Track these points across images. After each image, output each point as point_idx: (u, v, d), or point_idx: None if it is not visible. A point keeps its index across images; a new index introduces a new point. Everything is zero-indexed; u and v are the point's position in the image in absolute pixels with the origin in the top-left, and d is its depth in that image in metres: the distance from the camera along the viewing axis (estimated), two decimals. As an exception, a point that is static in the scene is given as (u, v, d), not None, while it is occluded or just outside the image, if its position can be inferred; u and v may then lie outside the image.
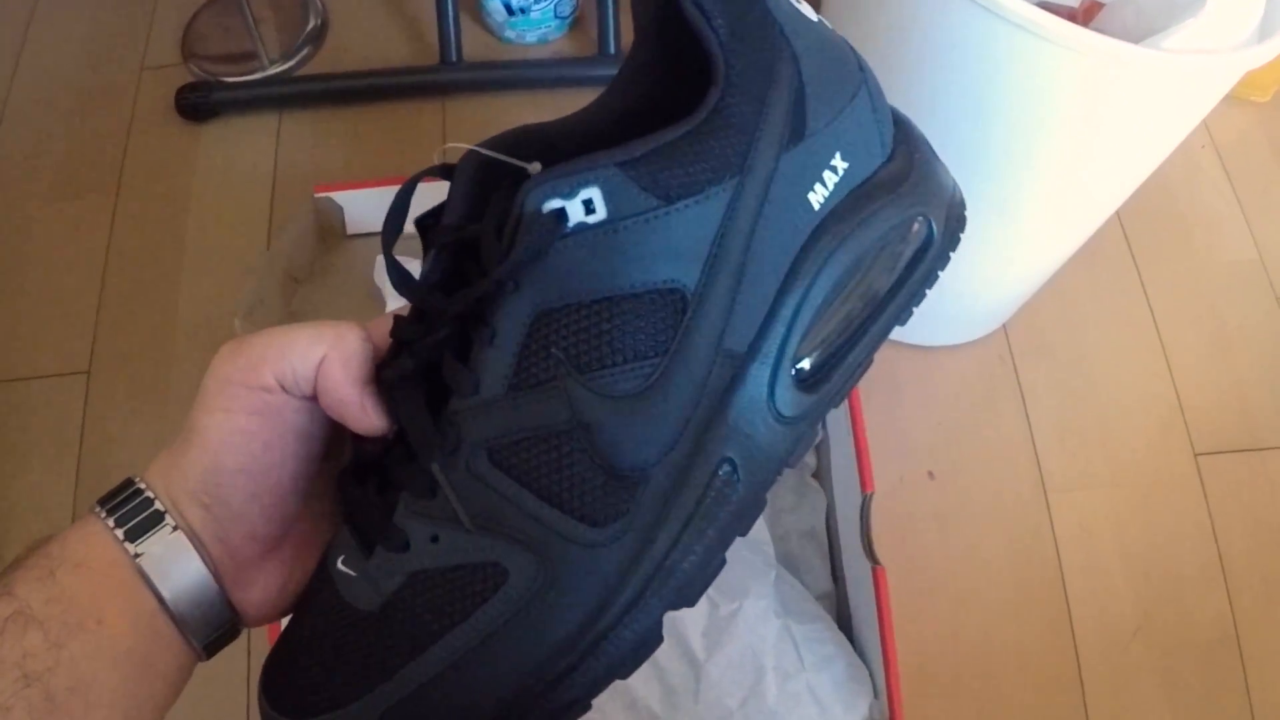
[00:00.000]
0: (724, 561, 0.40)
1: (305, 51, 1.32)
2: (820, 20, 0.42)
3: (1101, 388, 1.10)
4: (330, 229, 1.02)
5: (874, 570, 0.76)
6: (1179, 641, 0.98)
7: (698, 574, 0.39)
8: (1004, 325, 1.12)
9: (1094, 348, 1.12)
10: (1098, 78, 0.68)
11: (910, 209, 0.42)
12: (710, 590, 0.71)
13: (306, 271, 0.99)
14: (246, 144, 1.25)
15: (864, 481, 0.79)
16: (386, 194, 1.03)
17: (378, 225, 1.02)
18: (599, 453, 0.37)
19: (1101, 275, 1.15)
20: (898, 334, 1.08)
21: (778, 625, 0.78)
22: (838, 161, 0.40)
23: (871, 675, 0.78)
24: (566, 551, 0.37)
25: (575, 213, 0.36)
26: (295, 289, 0.98)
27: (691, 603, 0.39)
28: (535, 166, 0.38)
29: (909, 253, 0.43)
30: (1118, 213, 1.05)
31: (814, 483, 0.93)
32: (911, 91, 0.77)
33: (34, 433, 1.07)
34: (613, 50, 1.27)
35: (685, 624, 0.76)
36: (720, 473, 0.39)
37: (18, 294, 1.15)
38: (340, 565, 0.40)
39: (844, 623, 0.85)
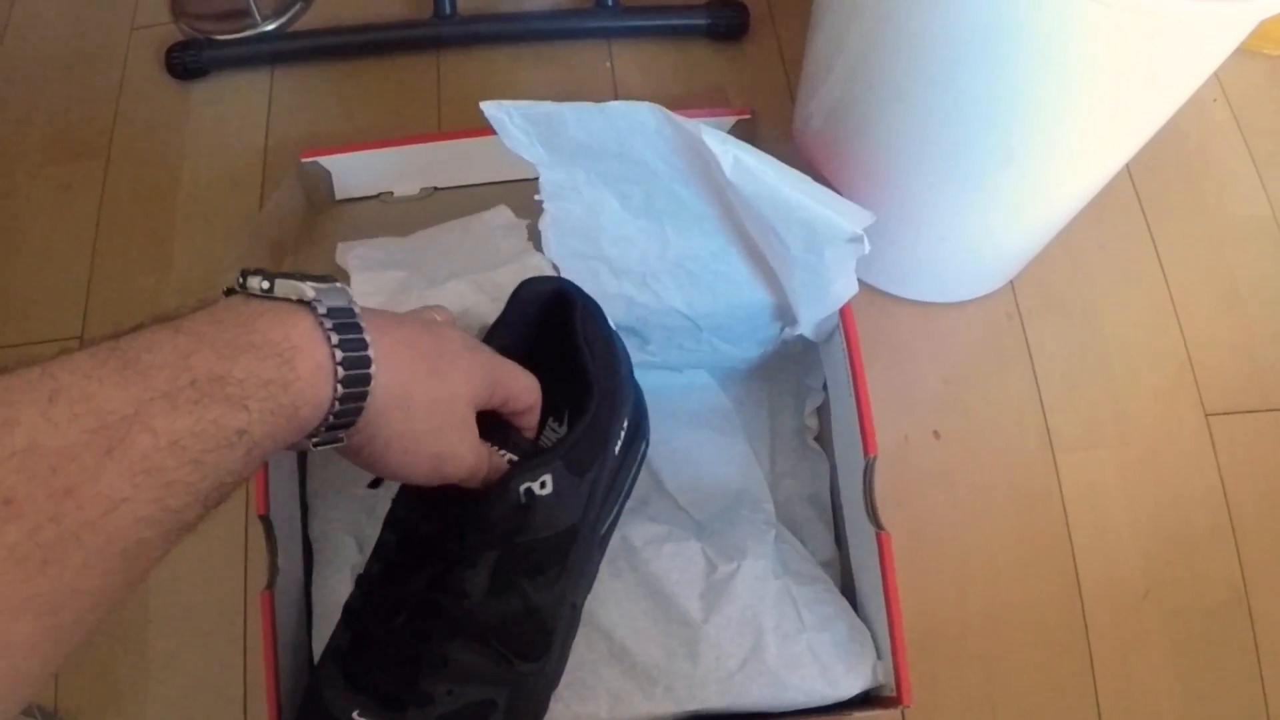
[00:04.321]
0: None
1: (297, 8, 1.29)
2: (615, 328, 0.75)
3: (1110, 345, 1.08)
4: (318, 194, 1.00)
5: (878, 535, 0.74)
6: (1188, 603, 0.97)
7: (561, 672, 0.70)
8: (1011, 281, 1.10)
9: (1103, 305, 1.10)
10: (1109, 24, 0.65)
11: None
12: (708, 551, 0.77)
13: (294, 239, 0.97)
14: (238, 103, 1.23)
15: (866, 445, 0.77)
16: (374, 157, 1.03)
17: (366, 189, 1.03)
18: (540, 620, 0.65)
19: (1111, 231, 1.13)
20: (902, 290, 1.07)
21: (777, 585, 0.76)
22: (625, 425, 0.72)
23: (875, 640, 0.76)
24: (521, 679, 0.64)
25: (536, 489, 0.61)
26: (284, 258, 0.96)
27: (555, 686, 0.70)
28: (510, 457, 0.63)
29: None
30: (1128, 167, 1.03)
31: (815, 446, 0.91)
32: (918, 42, 0.75)
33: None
34: (610, 2, 1.24)
35: (682, 586, 0.75)
36: (575, 610, 0.70)
37: (9, 260, 1.14)
38: (358, 717, 0.61)
39: (848, 588, 0.83)
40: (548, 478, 0.61)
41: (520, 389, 0.61)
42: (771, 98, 1.21)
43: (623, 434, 0.71)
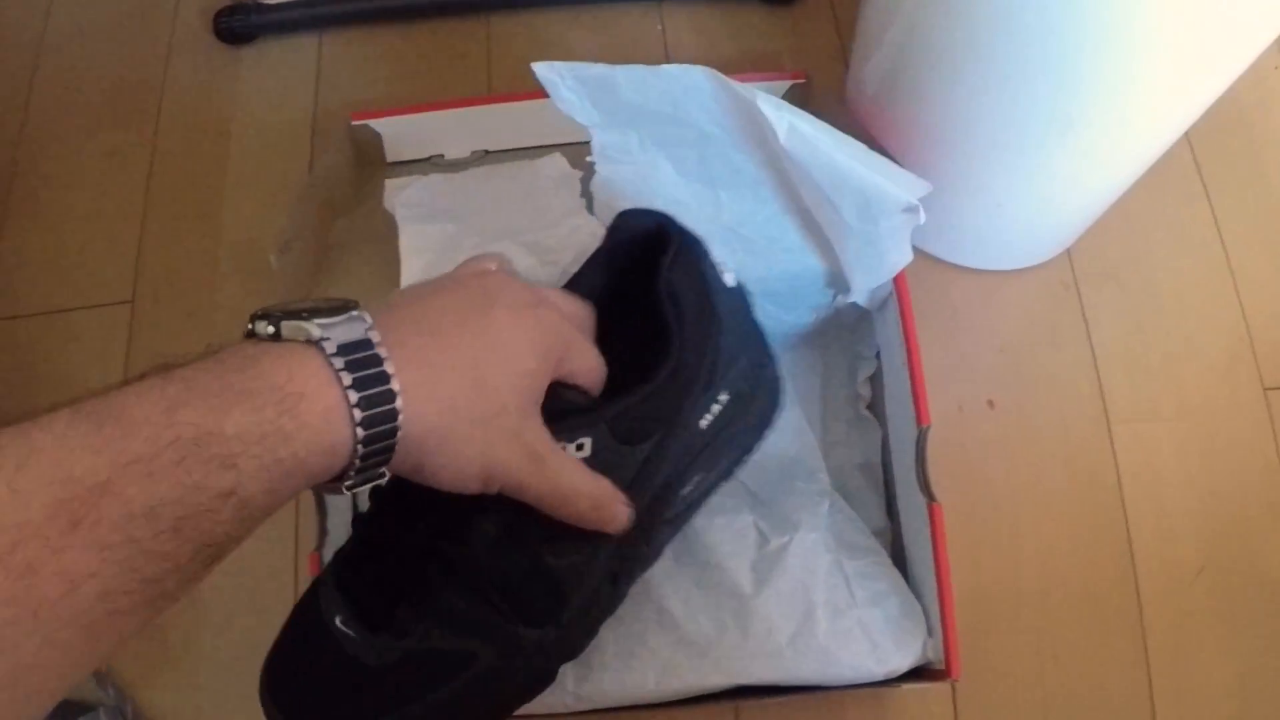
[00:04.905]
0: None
1: (345, -28, 1.28)
2: (737, 284, 0.69)
3: (1168, 317, 1.06)
4: (369, 157, 1.00)
5: (930, 507, 0.73)
6: (1244, 581, 0.95)
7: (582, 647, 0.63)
8: (1068, 250, 1.08)
9: (1161, 275, 1.08)
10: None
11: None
12: (760, 523, 0.75)
13: (345, 202, 0.97)
14: (287, 67, 1.22)
15: (920, 414, 0.76)
16: (426, 119, 1.02)
17: (417, 152, 1.02)
18: (554, 586, 0.58)
19: (1170, 200, 1.11)
20: (958, 258, 1.06)
21: (829, 560, 0.76)
22: (723, 397, 0.64)
23: (926, 613, 0.76)
24: (515, 642, 0.57)
25: (571, 450, 0.55)
26: (333, 222, 0.96)
27: (570, 659, 0.63)
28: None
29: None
30: (1187, 135, 1.01)
31: (868, 414, 0.90)
32: (976, 3, 0.74)
33: (78, 364, 1.06)
34: (661, -35, 1.23)
35: (733, 558, 0.75)
36: (616, 586, 0.63)
37: (60, 225, 1.15)
38: (339, 624, 0.56)
39: (899, 559, 0.83)
40: (586, 441, 0.55)
41: (582, 368, 0.57)
42: (825, 61, 1.19)
43: (717, 408, 0.63)
